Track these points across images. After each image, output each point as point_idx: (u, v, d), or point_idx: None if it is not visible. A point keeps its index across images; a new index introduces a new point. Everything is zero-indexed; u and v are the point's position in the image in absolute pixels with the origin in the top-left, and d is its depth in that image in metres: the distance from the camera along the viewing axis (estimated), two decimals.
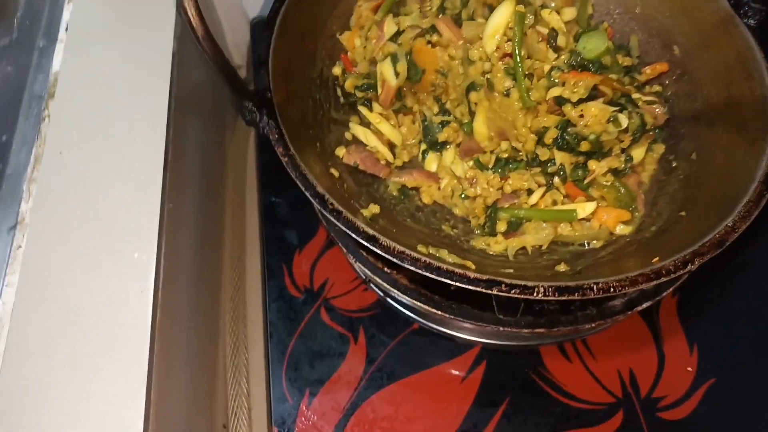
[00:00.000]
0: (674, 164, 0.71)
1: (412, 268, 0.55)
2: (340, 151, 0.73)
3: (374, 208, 0.66)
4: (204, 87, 0.84)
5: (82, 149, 0.63)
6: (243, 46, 1.05)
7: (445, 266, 0.55)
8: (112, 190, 0.60)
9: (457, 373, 0.76)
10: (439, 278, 0.55)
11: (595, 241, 0.68)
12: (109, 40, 0.70)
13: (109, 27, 0.71)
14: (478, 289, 0.54)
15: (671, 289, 0.66)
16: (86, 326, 0.54)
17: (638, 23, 0.79)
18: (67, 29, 0.71)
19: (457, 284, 0.54)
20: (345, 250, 0.70)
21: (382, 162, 0.75)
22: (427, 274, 0.55)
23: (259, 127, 0.63)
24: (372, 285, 0.76)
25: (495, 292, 0.54)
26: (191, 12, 0.52)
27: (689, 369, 0.74)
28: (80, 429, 0.50)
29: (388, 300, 0.76)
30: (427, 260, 0.55)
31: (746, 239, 0.57)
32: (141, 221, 0.59)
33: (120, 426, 0.50)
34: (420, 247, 0.62)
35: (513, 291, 0.53)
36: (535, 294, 0.53)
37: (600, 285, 0.53)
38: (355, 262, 0.69)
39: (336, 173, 0.70)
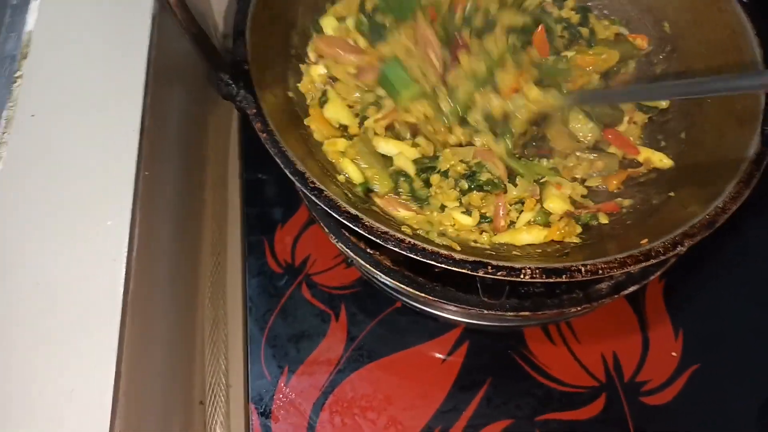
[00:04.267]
0: (663, 143, 0.70)
1: (396, 249, 0.53)
2: None
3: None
4: (188, 55, 0.81)
5: (55, 112, 0.61)
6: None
7: (430, 247, 0.53)
8: (85, 155, 0.59)
9: (438, 353, 0.75)
10: (424, 260, 0.53)
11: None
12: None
13: None
14: (464, 270, 0.52)
15: (658, 274, 0.66)
16: (57, 294, 0.53)
17: None
18: None
19: (443, 266, 0.53)
20: (326, 230, 0.68)
21: None
22: (412, 256, 0.53)
23: (235, 101, 0.60)
24: (354, 263, 0.75)
25: (481, 274, 0.52)
26: None
27: (674, 354, 0.74)
28: (46, 401, 0.49)
29: (371, 278, 0.75)
30: (412, 241, 0.53)
31: (734, 222, 0.56)
32: (115, 187, 0.57)
33: (88, 397, 0.49)
34: (404, 228, 0.60)
35: (499, 273, 0.52)
36: (522, 276, 0.52)
37: (588, 267, 0.52)
38: (337, 242, 0.68)
39: None
